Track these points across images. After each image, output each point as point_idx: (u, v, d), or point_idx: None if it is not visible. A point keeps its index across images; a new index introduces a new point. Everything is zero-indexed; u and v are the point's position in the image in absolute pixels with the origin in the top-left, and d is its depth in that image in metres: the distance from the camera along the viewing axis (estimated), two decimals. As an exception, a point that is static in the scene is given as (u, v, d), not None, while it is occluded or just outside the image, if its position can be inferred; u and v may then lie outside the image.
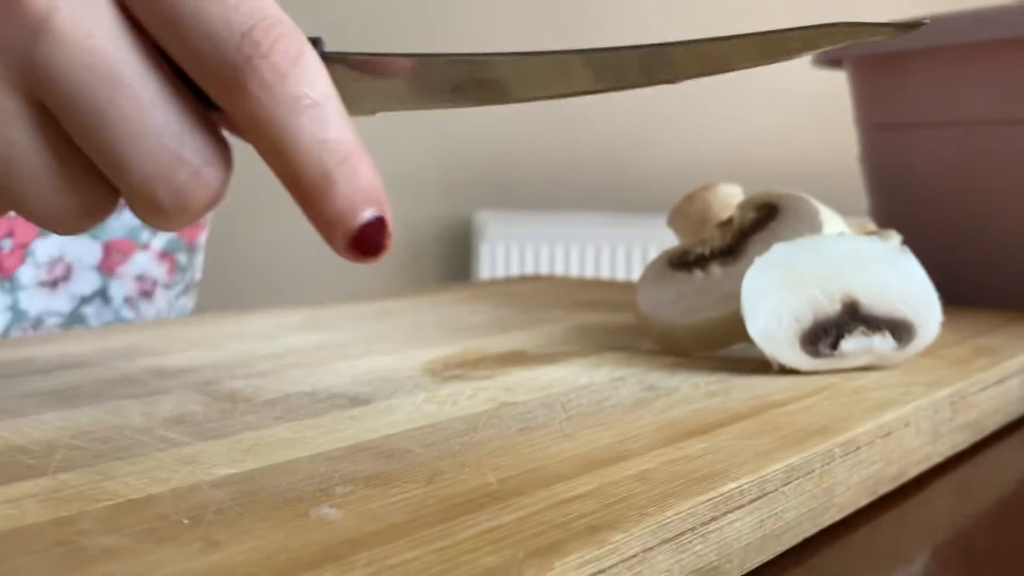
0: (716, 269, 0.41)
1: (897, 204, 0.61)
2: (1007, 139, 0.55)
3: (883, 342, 0.36)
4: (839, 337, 0.36)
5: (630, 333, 0.44)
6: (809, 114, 1.53)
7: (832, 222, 0.41)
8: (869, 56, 0.61)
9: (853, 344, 0.36)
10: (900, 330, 0.37)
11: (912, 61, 0.58)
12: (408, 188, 1.81)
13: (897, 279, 0.37)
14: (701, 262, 0.41)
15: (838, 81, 0.72)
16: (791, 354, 0.36)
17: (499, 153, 1.77)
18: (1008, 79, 0.54)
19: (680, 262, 0.42)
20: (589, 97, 0.27)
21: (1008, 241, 0.51)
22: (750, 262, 0.39)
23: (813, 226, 0.40)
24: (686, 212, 0.46)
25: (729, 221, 0.42)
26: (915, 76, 0.58)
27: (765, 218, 0.41)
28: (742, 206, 0.42)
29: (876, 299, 0.37)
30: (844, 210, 0.55)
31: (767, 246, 0.40)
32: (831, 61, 0.65)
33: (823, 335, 0.36)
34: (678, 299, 0.41)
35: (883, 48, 0.58)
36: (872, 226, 0.47)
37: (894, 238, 0.40)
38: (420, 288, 0.65)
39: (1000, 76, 0.54)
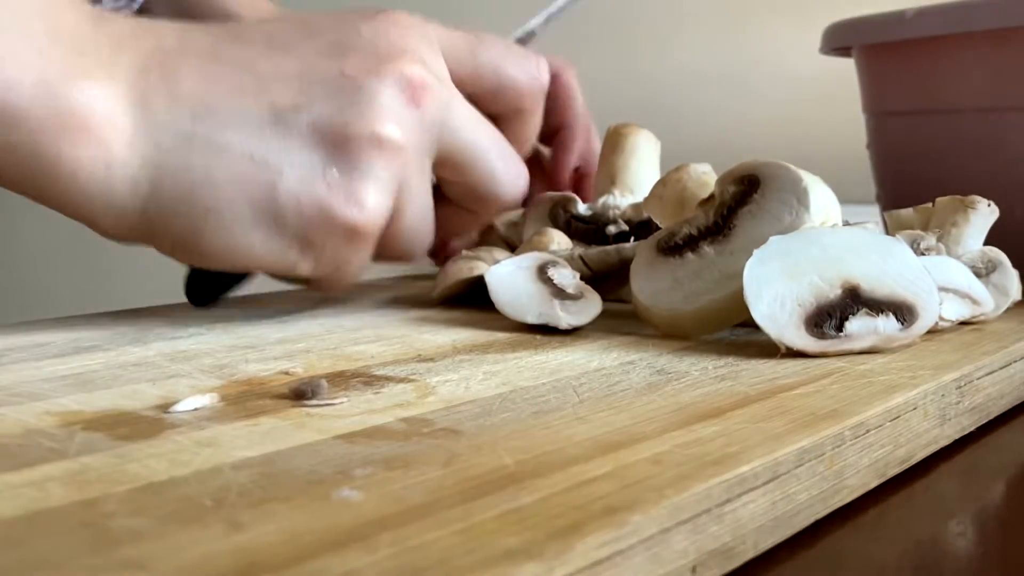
0: (708, 249, 0.40)
1: (906, 191, 0.61)
2: (1017, 126, 0.55)
3: (887, 323, 0.36)
4: (843, 319, 0.36)
5: (635, 317, 0.44)
6: (813, 101, 1.52)
7: (816, 187, 0.40)
8: (879, 44, 0.61)
9: (858, 325, 0.36)
10: (903, 311, 0.37)
11: (921, 48, 0.58)
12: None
13: (894, 266, 0.37)
14: (691, 243, 0.41)
15: (842, 68, 0.72)
16: (797, 337, 0.36)
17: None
18: (1020, 66, 0.54)
19: (669, 246, 0.41)
20: (591, 83, 0.27)
21: (1018, 229, 0.51)
22: (741, 238, 0.39)
23: (798, 193, 0.39)
24: (662, 195, 0.46)
25: (711, 198, 0.42)
26: (924, 63, 0.58)
27: (748, 190, 0.40)
28: (721, 181, 0.42)
29: (875, 284, 0.37)
30: (849, 198, 0.55)
31: (756, 219, 0.39)
32: (839, 48, 0.65)
33: (827, 318, 0.36)
34: (675, 285, 0.40)
35: (893, 36, 0.58)
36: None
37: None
38: (422, 272, 0.66)
39: (1012, 63, 0.54)
